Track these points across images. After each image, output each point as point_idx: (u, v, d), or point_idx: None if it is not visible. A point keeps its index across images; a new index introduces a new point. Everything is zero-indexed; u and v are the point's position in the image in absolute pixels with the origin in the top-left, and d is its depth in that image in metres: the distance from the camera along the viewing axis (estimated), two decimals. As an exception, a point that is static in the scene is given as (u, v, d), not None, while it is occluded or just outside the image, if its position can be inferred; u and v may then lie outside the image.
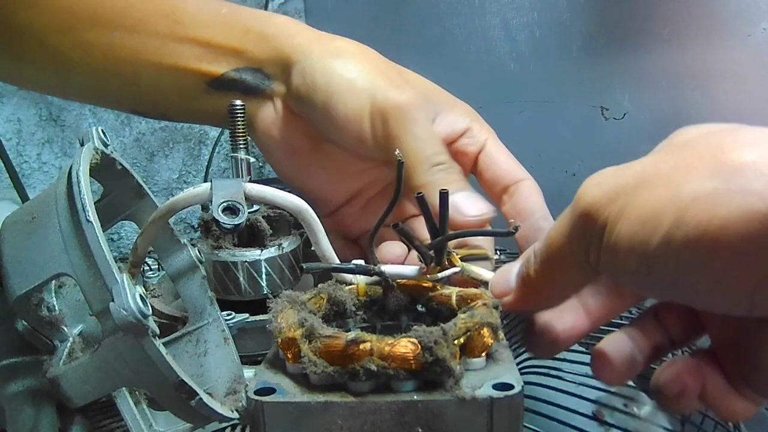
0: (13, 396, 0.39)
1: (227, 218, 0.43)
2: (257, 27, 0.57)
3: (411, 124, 0.50)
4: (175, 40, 0.57)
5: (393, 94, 0.51)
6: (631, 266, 0.30)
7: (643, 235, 0.28)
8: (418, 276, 0.42)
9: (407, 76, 0.56)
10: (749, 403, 0.34)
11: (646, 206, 0.28)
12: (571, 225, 0.32)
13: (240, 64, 0.57)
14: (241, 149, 0.54)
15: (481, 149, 0.55)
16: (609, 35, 0.84)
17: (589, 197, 0.31)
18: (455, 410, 0.32)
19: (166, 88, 0.59)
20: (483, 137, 0.55)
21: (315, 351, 0.34)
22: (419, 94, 0.53)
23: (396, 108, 0.51)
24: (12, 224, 0.38)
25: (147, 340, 0.32)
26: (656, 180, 0.29)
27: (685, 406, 0.35)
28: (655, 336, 0.38)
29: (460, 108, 0.56)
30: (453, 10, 1.02)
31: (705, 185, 0.27)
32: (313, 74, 0.54)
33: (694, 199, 0.27)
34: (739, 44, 0.69)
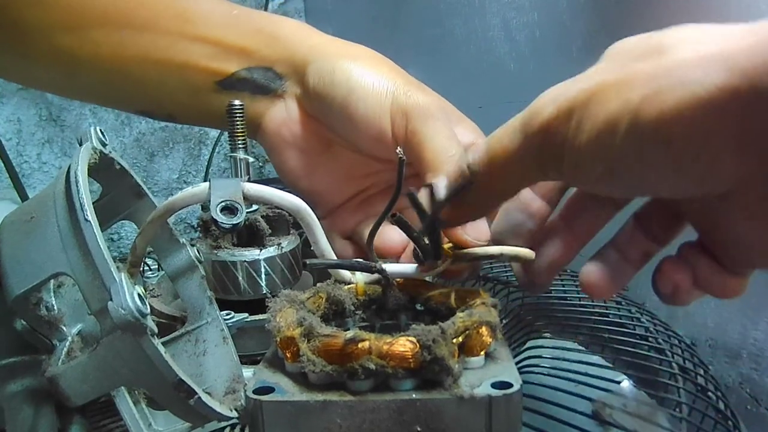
0: (11, 395, 0.39)
1: (225, 218, 0.43)
2: (269, 28, 0.57)
3: (434, 122, 0.50)
4: (186, 39, 0.57)
5: (415, 94, 0.51)
6: (597, 172, 0.32)
7: (603, 142, 0.30)
8: (418, 274, 0.42)
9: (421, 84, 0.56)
10: (741, 278, 0.35)
11: (600, 116, 0.30)
12: (523, 141, 0.34)
13: (251, 63, 0.57)
14: (240, 149, 0.54)
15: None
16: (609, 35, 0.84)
17: (545, 115, 0.32)
18: (454, 409, 0.33)
19: (174, 87, 0.59)
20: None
21: (314, 350, 0.34)
22: (438, 99, 0.53)
23: (419, 107, 0.51)
24: (10, 224, 0.38)
25: (145, 339, 0.32)
26: (606, 90, 0.30)
27: (686, 299, 0.37)
28: (640, 241, 0.39)
29: (467, 123, 0.56)
30: (453, 10, 1.02)
31: (650, 85, 0.28)
32: (331, 73, 0.53)
33: (643, 99, 0.28)
34: (739, 44, 0.69)
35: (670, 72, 0.28)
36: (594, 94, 0.31)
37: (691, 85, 0.27)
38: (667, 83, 0.28)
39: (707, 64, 0.27)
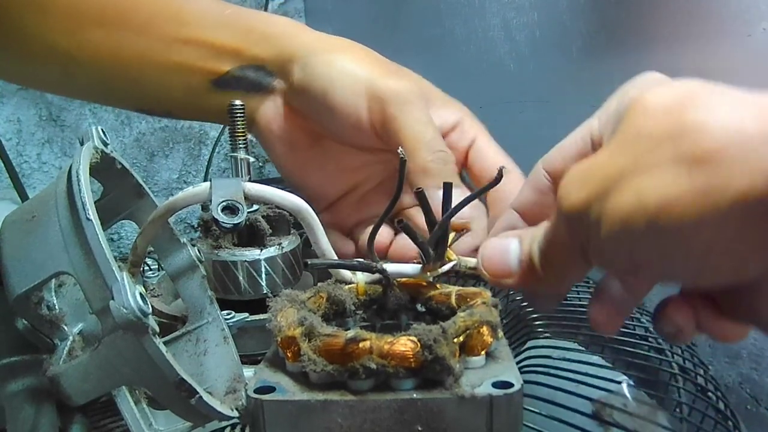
0: (13, 395, 0.39)
1: (226, 218, 0.43)
2: (260, 27, 0.58)
3: (410, 108, 0.51)
4: (181, 42, 0.58)
5: (392, 80, 0.53)
6: (620, 268, 0.32)
7: (621, 243, 0.30)
8: (419, 274, 0.42)
9: (403, 70, 0.57)
10: (742, 326, 0.35)
11: (617, 215, 0.29)
12: (562, 225, 0.34)
13: (243, 62, 0.58)
14: (240, 149, 0.54)
15: (471, 143, 0.56)
16: (609, 35, 0.84)
17: (566, 205, 0.32)
18: (455, 408, 0.33)
19: (171, 86, 0.60)
20: (473, 132, 0.56)
21: (314, 349, 0.34)
22: (416, 84, 0.54)
23: (394, 93, 0.52)
24: (12, 223, 0.38)
25: (147, 338, 0.32)
26: (622, 182, 0.30)
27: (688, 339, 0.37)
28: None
29: (452, 104, 0.57)
30: (453, 10, 1.02)
31: (668, 185, 0.28)
32: (313, 67, 0.55)
33: (660, 206, 0.28)
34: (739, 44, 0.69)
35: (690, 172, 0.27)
36: (610, 184, 0.30)
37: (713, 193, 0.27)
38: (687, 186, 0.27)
39: (752, 173, 0.26)
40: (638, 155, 0.30)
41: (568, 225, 0.33)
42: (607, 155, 0.32)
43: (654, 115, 0.31)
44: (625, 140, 0.31)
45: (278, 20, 0.60)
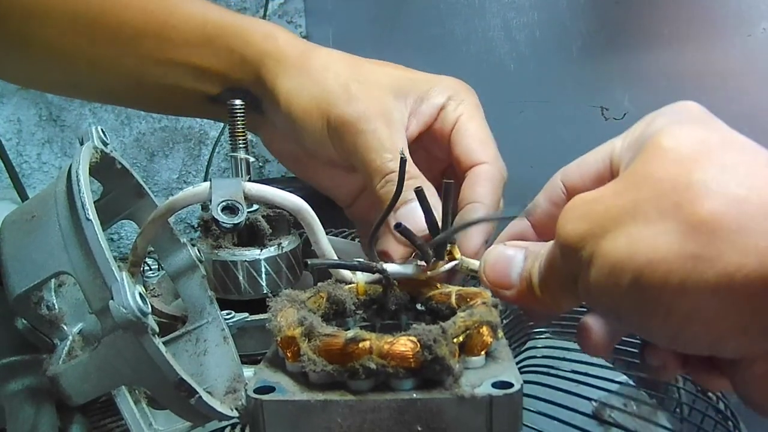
0: (12, 395, 0.39)
1: (226, 217, 0.43)
2: (239, 47, 0.57)
3: (362, 138, 0.51)
4: (168, 63, 0.58)
5: (342, 109, 0.52)
6: (604, 309, 0.32)
7: (608, 287, 0.30)
8: (419, 274, 0.42)
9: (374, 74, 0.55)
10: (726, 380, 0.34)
11: (607, 259, 0.29)
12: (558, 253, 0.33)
13: (230, 85, 0.58)
14: (240, 149, 0.54)
15: (451, 129, 0.54)
16: (609, 35, 0.84)
17: (563, 235, 0.32)
18: (454, 409, 0.32)
19: (171, 100, 0.61)
20: (455, 115, 0.54)
21: (314, 349, 0.34)
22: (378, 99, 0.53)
23: (346, 124, 0.52)
24: (12, 223, 0.38)
25: (146, 338, 0.32)
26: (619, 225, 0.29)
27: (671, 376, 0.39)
28: None
29: (438, 86, 0.55)
30: (453, 10, 1.02)
31: (659, 242, 0.28)
32: (278, 102, 0.55)
33: (648, 261, 0.28)
34: (739, 44, 0.69)
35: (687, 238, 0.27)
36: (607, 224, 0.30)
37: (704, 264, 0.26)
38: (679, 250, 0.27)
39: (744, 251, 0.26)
40: (640, 201, 0.29)
41: (563, 255, 0.33)
42: (612, 192, 0.31)
43: (665, 162, 0.30)
44: (632, 180, 0.31)
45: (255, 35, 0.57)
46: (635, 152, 0.33)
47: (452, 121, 0.54)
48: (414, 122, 0.54)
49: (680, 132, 0.31)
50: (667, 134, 0.31)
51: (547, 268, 0.35)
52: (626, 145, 0.36)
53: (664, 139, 0.31)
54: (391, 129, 0.51)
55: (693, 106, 0.34)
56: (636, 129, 0.35)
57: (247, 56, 0.57)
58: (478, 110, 0.55)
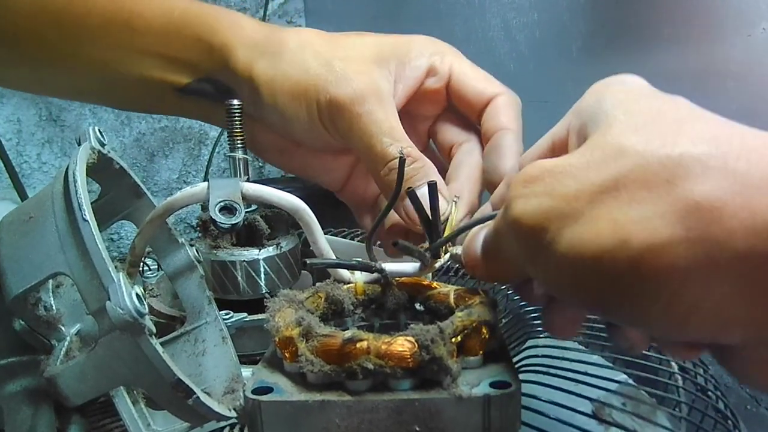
0: (10, 396, 0.39)
1: (224, 218, 0.43)
2: (205, 36, 0.55)
3: (357, 122, 0.49)
4: (136, 52, 0.56)
5: (332, 92, 0.50)
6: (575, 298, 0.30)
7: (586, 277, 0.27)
8: (418, 273, 0.42)
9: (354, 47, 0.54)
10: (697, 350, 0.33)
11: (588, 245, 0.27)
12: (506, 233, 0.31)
13: (198, 74, 0.57)
14: (239, 149, 0.54)
15: (447, 81, 0.54)
16: (609, 35, 0.84)
17: (516, 214, 0.30)
18: (452, 408, 0.32)
19: (138, 94, 0.59)
20: (446, 68, 0.54)
21: (312, 350, 0.34)
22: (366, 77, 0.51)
23: (338, 107, 0.50)
24: (9, 224, 0.38)
25: (144, 339, 0.32)
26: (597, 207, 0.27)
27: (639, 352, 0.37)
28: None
29: (418, 48, 0.54)
30: (453, 10, 1.02)
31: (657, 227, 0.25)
32: (259, 92, 0.53)
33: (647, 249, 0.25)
34: (739, 44, 0.69)
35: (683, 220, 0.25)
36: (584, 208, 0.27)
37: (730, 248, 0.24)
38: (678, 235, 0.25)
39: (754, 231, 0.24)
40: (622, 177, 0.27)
41: (515, 234, 0.30)
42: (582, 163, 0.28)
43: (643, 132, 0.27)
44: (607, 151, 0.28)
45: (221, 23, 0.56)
46: (591, 121, 0.30)
47: (446, 74, 0.54)
48: (400, 88, 0.53)
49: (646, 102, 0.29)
50: (632, 103, 0.29)
51: (492, 241, 0.34)
52: (572, 117, 0.33)
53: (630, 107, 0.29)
54: (385, 107, 0.50)
55: (640, 79, 0.32)
56: (586, 98, 0.33)
57: (215, 45, 0.55)
58: (463, 57, 0.55)
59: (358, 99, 0.50)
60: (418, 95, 0.54)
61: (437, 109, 0.56)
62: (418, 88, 0.54)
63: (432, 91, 0.54)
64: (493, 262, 0.35)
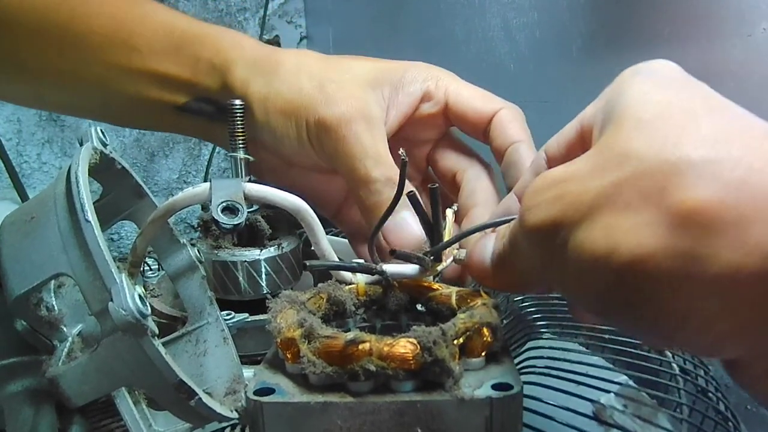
0: (12, 396, 0.39)
1: (226, 218, 0.43)
2: (206, 55, 0.56)
3: (342, 144, 0.50)
4: (135, 71, 0.57)
5: (320, 113, 0.51)
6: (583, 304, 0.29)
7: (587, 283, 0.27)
8: (419, 275, 0.42)
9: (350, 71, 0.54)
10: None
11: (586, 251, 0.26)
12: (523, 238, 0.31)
13: (196, 94, 0.57)
14: (240, 149, 0.54)
15: (444, 105, 0.54)
16: (609, 35, 0.84)
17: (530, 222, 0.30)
18: (454, 410, 0.32)
19: (136, 112, 0.60)
20: (441, 93, 0.54)
21: (314, 351, 0.34)
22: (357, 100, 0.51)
23: (325, 128, 0.50)
24: (11, 224, 0.38)
25: (146, 340, 0.32)
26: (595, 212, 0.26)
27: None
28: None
29: (412, 74, 0.54)
30: (453, 11, 1.02)
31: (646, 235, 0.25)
32: (253, 111, 0.54)
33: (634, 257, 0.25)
34: (739, 44, 0.69)
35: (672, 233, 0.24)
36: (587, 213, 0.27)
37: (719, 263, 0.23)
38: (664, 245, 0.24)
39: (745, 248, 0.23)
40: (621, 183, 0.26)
41: (530, 241, 0.30)
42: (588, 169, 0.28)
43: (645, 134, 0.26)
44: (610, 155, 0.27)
45: (222, 42, 0.57)
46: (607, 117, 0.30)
47: (442, 98, 0.54)
48: (393, 114, 0.53)
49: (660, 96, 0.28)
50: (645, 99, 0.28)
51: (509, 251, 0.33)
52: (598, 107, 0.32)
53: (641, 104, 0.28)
54: (373, 131, 0.50)
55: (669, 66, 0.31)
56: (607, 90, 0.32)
57: (214, 64, 0.55)
58: (459, 79, 0.55)
59: (346, 121, 0.50)
60: (413, 121, 0.54)
61: (435, 134, 0.56)
62: (413, 113, 0.54)
63: (428, 116, 0.54)
64: (507, 273, 0.35)
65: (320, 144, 0.51)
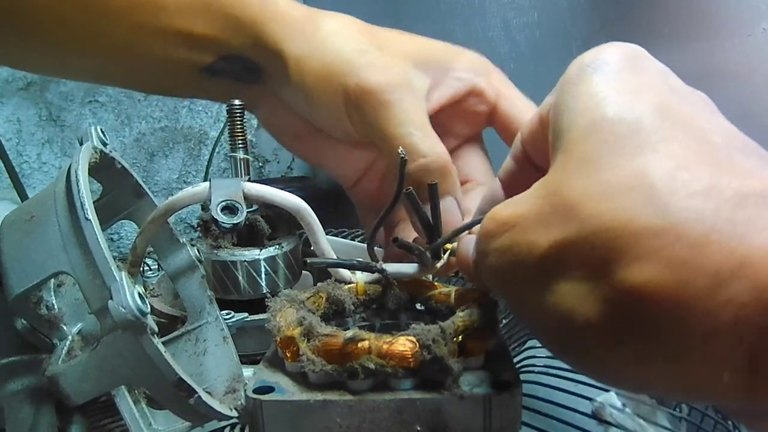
0: (11, 395, 0.39)
1: (226, 218, 0.43)
2: (235, 12, 0.54)
3: (387, 110, 0.48)
4: (161, 32, 0.55)
5: (363, 78, 0.49)
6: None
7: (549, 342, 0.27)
8: (419, 274, 0.42)
9: (394, 42, 0.53)
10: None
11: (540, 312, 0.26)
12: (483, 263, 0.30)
13: (225, 52, 0.55)
14: (240, 149, 0.54)
15: (493, 107, 0.52)
16: (609, 35, 0.84)
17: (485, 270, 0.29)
18: (453, 408, 0.33)
19: (162, 75, 0.58)
20: (493, 94, 0.52)
21: (313, 349, 0.34)
22: (401, 68, 0.50)
23: (366, 94, 0.48)
24: (11, 223, 0.38)
25: (146, 338, 0.32)
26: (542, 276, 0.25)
27: None
28: None
29: (464, 63, 0.53)
30: (453, 11, 1.02)
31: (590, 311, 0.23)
32: (288, 69, 0.52)
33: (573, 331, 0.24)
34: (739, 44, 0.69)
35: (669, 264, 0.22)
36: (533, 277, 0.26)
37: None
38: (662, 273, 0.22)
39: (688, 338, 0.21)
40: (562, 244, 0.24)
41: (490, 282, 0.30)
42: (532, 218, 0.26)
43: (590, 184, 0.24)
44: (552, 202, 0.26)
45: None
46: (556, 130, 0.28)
47: (492, 99, 0.52)
48: (435, 96, 0.51)
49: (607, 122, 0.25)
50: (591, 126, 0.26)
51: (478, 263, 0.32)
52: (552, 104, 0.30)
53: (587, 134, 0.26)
54: (418, 101, 0.49)
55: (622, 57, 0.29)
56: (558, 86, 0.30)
57: (245, 20, 0.54)
58: (509, 82, 0.54)
59: (389, 87, 0.48)
60: (454, 110, 0.53)
61: (471, 130, 0.54)
62: (456, 102, 0.52)
63: (472, 112, 0.53)
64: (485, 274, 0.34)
65: (358, 110, 0.49)
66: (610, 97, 0.27)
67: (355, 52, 0.50)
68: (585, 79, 0.28)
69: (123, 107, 1.22)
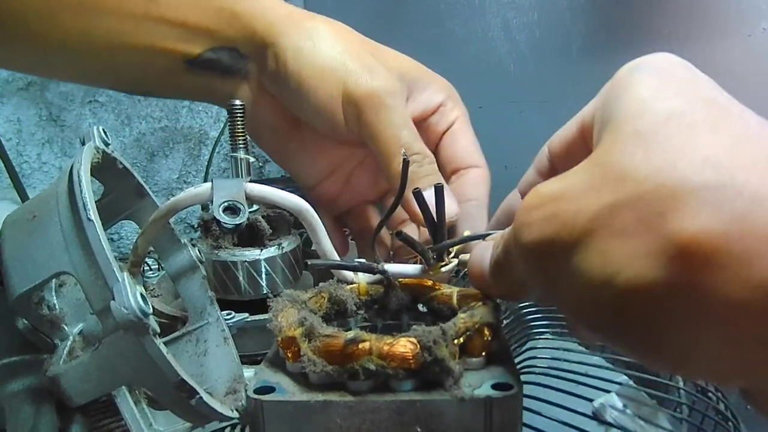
0: (12, 395, 0.39)
1: (228, 218, 0.43)
2: (229, 5, 0.56)
3: (384, 111, 0.50)
4: (150, 21, 0.56)
5: (365, 80, 0.51)
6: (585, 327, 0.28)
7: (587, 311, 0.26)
8: (421, 275, 0.42)
9: (382, 55, 0.55)
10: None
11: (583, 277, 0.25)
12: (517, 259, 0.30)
13: (215, 43, 0.56)
14: (240, 149, 0.54)
15: (448, 127, 0.56)
16: (609, 35, 0.84)
17: (524, 241, 0.28)
18: (454, 410, 0.32)
19: (144, 68, 0.59)
20: (453, 116, 0.56)
21: (314, 350, 0.34)
22: (393, 77, 0.53)
23: (369, 97, 0.51)
24: (13, 223, 0.38)
25: (147, 338, 0.32)
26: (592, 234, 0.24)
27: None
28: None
29: (437, 84, 0.56)
30: (453, 11, 1.02)
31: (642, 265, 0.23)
32: (285, 59, 0.53)
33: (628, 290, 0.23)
34: (739, 44, 0.69)
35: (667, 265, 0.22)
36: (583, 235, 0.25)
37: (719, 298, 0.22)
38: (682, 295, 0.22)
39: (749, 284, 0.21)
40: (618, 205, 0.24)
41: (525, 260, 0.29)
42: (584, 186, 0.26)
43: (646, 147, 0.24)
44: (607, 170, 0.25)
45: None
46: (605, 121, 0.28)
47: (448, 121, 0.56)
48: (411, 108, 0.54)
49: (659, 104, 0.26)
50: (643, 107, 0.26)
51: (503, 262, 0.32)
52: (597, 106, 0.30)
53: (639, 114, 0.26)
54: (405, 107, 0.52)
55: (672, 61, 0.29)
56: (606, 88, 0.30)
57: (239, 12, 0.55)
58: (467, 116, 0.57)
59: (390, 92, 0.51)
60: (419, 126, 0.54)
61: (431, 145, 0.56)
62: (425, 118, 0.55)
63: (431, 129, 0.56)
64: (504, 282, 0.34)
65: (357, 111, 0.51)
66: (661, 88, 0.27)
67: (356, 57, 0.53)
68: (635, 77, 0.29)
69: (123, 107, 1.22)
